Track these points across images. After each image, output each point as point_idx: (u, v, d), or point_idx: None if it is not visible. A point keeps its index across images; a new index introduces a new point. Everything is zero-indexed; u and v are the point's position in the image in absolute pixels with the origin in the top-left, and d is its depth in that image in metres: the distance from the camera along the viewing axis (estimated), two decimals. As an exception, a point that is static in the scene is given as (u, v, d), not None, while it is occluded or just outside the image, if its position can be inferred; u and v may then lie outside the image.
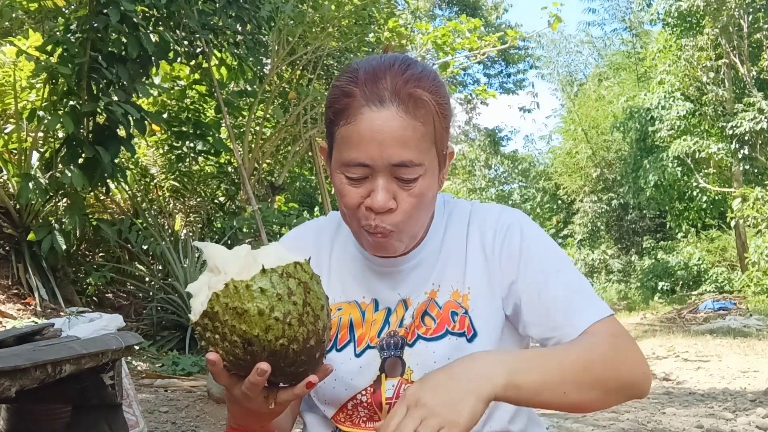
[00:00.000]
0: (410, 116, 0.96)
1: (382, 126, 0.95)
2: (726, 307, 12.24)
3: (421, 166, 0.98)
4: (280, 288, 0.78)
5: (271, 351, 0.78)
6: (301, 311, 0.79)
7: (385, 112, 0.95)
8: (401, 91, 0.96)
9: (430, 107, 0.98)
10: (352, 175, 0.98)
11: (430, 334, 1.05)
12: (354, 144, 0.96)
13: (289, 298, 0.78)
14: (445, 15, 22.92)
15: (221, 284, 0.78)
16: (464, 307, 1.06)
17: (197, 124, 7.53)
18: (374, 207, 0.97)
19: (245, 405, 0.87)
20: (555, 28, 8.62)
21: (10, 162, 6.13)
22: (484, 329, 1.05)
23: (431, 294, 1.08)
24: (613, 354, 0.96)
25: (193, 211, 8.41)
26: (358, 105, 0.96)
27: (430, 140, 0.99)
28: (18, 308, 5.22)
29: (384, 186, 0.97)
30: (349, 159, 0.97)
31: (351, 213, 1.01)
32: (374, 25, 8.38)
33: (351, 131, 0.96)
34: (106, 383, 2.05)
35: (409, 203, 0.99)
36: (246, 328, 0.77)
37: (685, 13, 14.68)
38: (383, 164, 0.96)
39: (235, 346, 0.78)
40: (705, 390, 5.14)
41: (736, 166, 14.76)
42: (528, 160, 27.66)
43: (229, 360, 0.80)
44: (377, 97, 0.96)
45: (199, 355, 5.65)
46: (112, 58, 5.49)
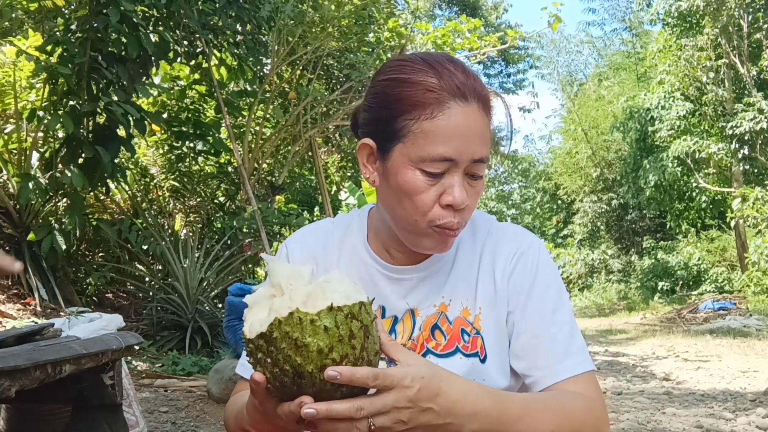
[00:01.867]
0: (485, 114, 0.99)
1: (469, 122, 0.96)
2: (726, 307, 12.25)
3: (487, 164, 1.01)
4: (342, 329, 0.77)
5: (320, 389, 0.77)
6: (357, 356, 0.78)
7: (469, 109, 0.97)
8: (479, 90, 0.99)
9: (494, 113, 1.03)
10: (434, 170, 0.96)
11: (441, 350, 1.05)
12: (440, 138, 0.95)
13: (349, 341, 0.78)
14: (445, 15, 22.95)
15: (285, 311, 0.77)
16: (476, 327, 1.06)
17: (197, 124, 7.53)
18: (456, 204, 0.97)
19: (272, 420, 0.86)
20: (555, 28, 8.62)
21: (10, 162, 6.13)
22: (494, 352, 1.06)
23: (441, 307, 1.07)
24: (585, 417, 0.97)
25: (193, 211, 8.41)
26: (443, 99, 0.96)
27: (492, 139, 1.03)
28: (18, 308, 5.22)
29: (462, 183, 0.98)
30: (435, 153, 0.95)
31: (423, 213, 0.98)
32: (374, 25, 8.37)
33: (437, 125, 0.95)
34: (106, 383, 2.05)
35: (474, 200, 1.01)
36: (301, 361, 0.76)
37: (685, 13, 14.69)
38: (466, 159, 0.97)
39: (285, 374, 0.77)
40: (705, 390, 5.14)
41: (736, 166, 14.76)
42: (528, 160, 27.69)
43: (274, 385, 0.79)
44: (461, 93, 0.96)
45: (198, 355, 5.65)
46: (112, 58, 5.49)
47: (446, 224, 0.98)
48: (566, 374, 1.01)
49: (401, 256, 1.10)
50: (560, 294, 1.08)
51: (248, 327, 0.80)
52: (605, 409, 1.02)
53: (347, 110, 8.36)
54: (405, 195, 0.98)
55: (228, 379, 4.12)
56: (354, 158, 11.03)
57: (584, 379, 1.01)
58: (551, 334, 1.03)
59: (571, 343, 1.04)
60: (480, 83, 0.99)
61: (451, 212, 0.98)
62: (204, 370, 5.02)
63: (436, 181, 0.97)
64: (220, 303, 6.72)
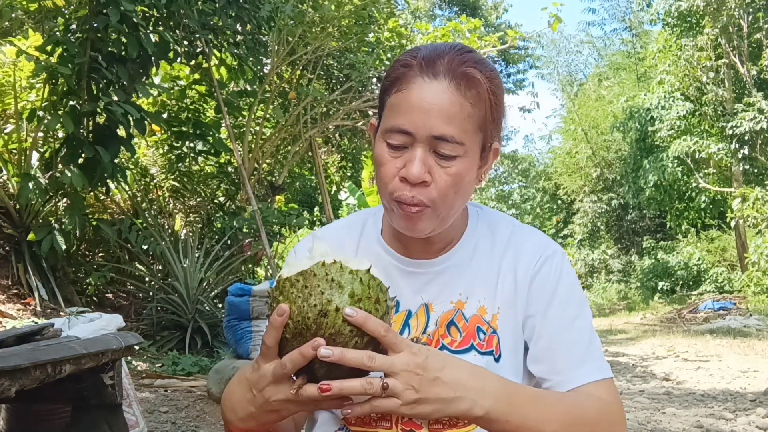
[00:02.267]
0: (460, 94, 0.97)
1: (431, 97, 0.96)
2: (726, 307, 12.24)
3: (461, 145, 0.98)
4: (373, 291, 0.83)
5: (336, 332, 0.80)
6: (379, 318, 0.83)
7: (436, 84, 0.97)
8: (456, 69, 0.98)
9: (482, 91, 0.99)
10: (393, 141, 0.99)
11: (456, 346, 1.05)
12: (401, 111, 0.98)
13: (374, 304, 0.83)
14: (445, 15, 22.94)
15: (330, 258, 0.83)
16: (493, 326, 1.06)
17: (197, 124, 7.53)
18: (409, 177, 0.97)
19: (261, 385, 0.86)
20: (555, 29, 8.61)
21: (10, 162, 6.13)
22: (509, 351, 1.06)
23: (458, 304, 1.07)
24: (599, 418, 0.97)
25: (193, 211, 8.41)
26: (412, 75, 0.99)
27: (476, 123, 0.99)
28: (18, 308, 5.22)
29: (421, 157, 0.97)
30: (393, 125, 0.98)
31: (385, 183, 1.01)
32: (374, 25, 8.37)
33: (401, 98, 0.99)
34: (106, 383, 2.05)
35: (444, 181, 0.98)
36: (331, 299, 0.80)
37: (685, 13, 14.69)
38: (424, 134, 0.97)
39: (311, 309, 0.80)
40: (705, 390, 5.14)
41: (736, 166, 14.76)
42: (528, 160, 27.69)
43: (295, 321, 0.81)
44: (432, 71, 0.98)
45: (198, 355, 5.65)
46: (112, 58, 5.49)
47: (400, 197, 0.98)
48: (584, 379, 1.01)
49: (416, 250, 1.09)
50: (582, 302, 1.08)
51: (287, 270, 0.84)
52: (623, 414, 1.02)
53: (347, 110, 8.36)
54: (376, 167, 1.02)
55: (228, 379, 4.11)
56: (354, 158, 11.03)
57: (602, 385, 1.01)
58: (571, 339, 1.03)
59: (590, 350, 1.04)
60: (465, 66, 0.98)
61: (406, 186, 0.98)
62: (204, 370, 5.02)
63: (400, 154, 0.98)
64: (220, 303, 6.72)
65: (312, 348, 0.79)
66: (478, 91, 0.99)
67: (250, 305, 5.03)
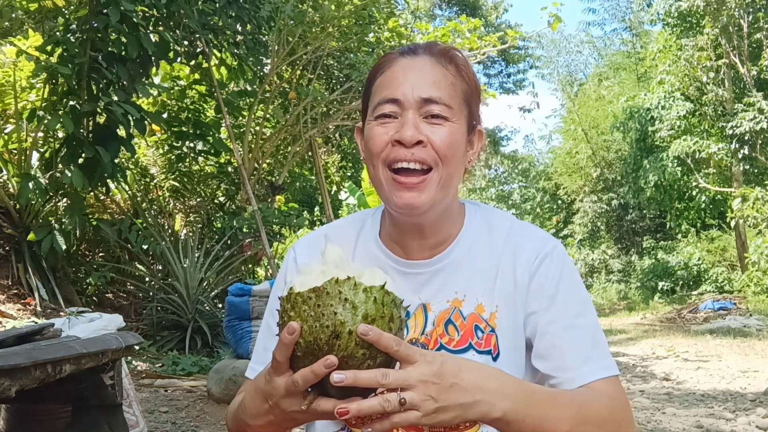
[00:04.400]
0: (441, 65, 1.02)
1: (415, 68, 1.01)
2: (726, 307, 12.24)
3: (450, 108, 1.00)
4: (387, 309, 0.81)
5: (349, 354, 0.78)
6: None
7: (417, 59, 1.03)
8: (434, 49, 1.04)
9: (462, 67, 1.04)
10: (382, 111, 1.00)
11: (454, 345, 1.05)
12: (386, 85, 1.01)
13: (388, 323, 0.81)
14: (445, 15, 22.93)
15: (344, 275, 0.81)
16: (491, 325, 1.05)
17: (197, 124, 7.53)
18: (403, 138, 0.98)
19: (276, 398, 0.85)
20: (555, 28, 8.61)
21: (10, 162, 6.13)
22: (508, 350, 1.05)
23: (455, 302, 1.06)
24: (608, 417, 0.97)
25: (193, 211, 8.41)
26: (393, 58, 1.05)
27: (460, 94, 1.03)
28: (18, 308, 5.22)
29: (413, 120, 0.99)
30: (380, 98, 1.01)
31: (377, 154, 1.00)
32: (374, 25, 8.37)
33: (384, 77, 1.03)
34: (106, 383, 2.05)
35: (440, 141, 0.99)
36: (344, 320, 0.78)
37: (685, 13, 14.69)
38: (413, 98, 0.99)
39: (323, 330, 0.78)
40: (705, 390, 5.14)
41: (736, 166, 14.76)
42: (528, 160, 27.67)
43: (307, 340, 0.79)
44: (410, 50, 1.04)
45: (198, 355, 5.65)
46: (112, 58, 5.49)
47: (399, 157, 0.98)
48: (591, 377, 1.00)
49: (413, 250, 1.09)
50: (585, 299, 1.07)
51: (299, 282, 0.82)
52: (631, 412, 1.02)
53: (347, 110, 8.36)
54: (368, 147, 1.02)
55: (228, 379, 4.11)
56: (354, 158, 11.03)
57: (609, 383, 1.01)
58: (575, 337, 1.03)
59: (595, 347, 1.03)
60: (446, 47, 1.04)
61: (401, 148, 0.98)
62: (204, 370, 5.02)
63: (389, 123, 1.00)
64: (220, 303, 6.72)
65: (324, 366, 0.78)
66: (458, 64, 1.04)
67: (250, 305, 5.03)
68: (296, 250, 1.18)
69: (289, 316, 0.81)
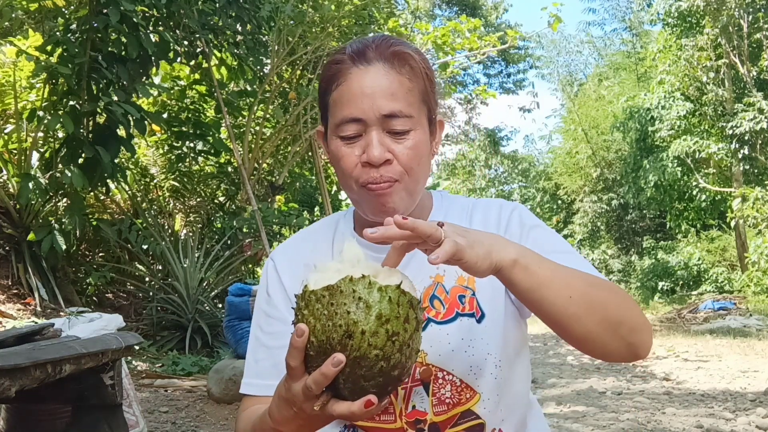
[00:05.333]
0: (396, 72, 1.02)
1: (371, 81, 1.01)
2: (726, 307, 12.23)
3: (411, 118, 1.02)
4: (402, 309, 0.79)
5: (362, 355, 0.77)
6: (406, 340, 0.80)
7: (371, 69, 1.02)
8: (385, 52, 1.03)
9: (415, 66, 1.04)
10: (346, 133, 1.01)
11: (441, 317, 1.06)
12: (345, 102, 1.01)
13: (403, 324, 0.79)
14: (445, 15, 22.92)
15: (359, 273, 0.80)
16: (471, 288, 1.07)
17: (197, 124, 7.53)
18: (371, 159, 1.00)
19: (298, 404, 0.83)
20: (555, 29, 8.61)
21: (10, 162, 6.13)
22: (490, 310, 1.07)
23: (437, 278, 1.08)
24: (620, 294, 0.97)
25: (193, 211, 8.41)
26: (347, 68, 1.03)
27: (418, 96, 1.04)
28: (18, 308, 5.22)
29: (378, 139, 1.00)
30: (342, 117, 1.01)
31: (349, 175, 1.03)
32: (374, 25, 8.36)
33: (342, 92, 1.02)
34: (106, 383, 2.05)
35: (405, 155, 1.01)
36: (357, 320, 0.77)
37: (685, 13, 14.68)
38: (374, 116, 1.00)
39: (335, 330, 0.77)
40: (705, 390, 5.14)
41: (736, 166, 14.76)
42: (528, 160, 27.66)
43: (319, 339, 0.78)
44: (364, 59, 1.02)
45: (198, 355, 5.65)
46: (112, 58, 5.49)
47: (369, 180, 1.01)
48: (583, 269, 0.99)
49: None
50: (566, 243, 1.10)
51: (314, 280, 0.81)
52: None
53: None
54: (336, 164, 1.05)
55: (228, 379, 4.11)
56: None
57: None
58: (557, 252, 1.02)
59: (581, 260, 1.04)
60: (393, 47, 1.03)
61: (370, 169, 1.00)
62: (204, 370, 5.02)
63: (355, 143, 1.02)
64: (220, 303, 6.72)
65: (332, 366, 0.76)
66: (411, 65, 1.04)
67: (250, 305, 5.03)
68: (275, 260, 1.18)
69: (302, 315, 0.80)
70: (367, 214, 1.06)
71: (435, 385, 1.04)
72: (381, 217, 1.02)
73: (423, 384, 1.04)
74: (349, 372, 0.78)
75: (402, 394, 1.04)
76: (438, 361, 1.04)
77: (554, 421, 4.12)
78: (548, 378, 5.97)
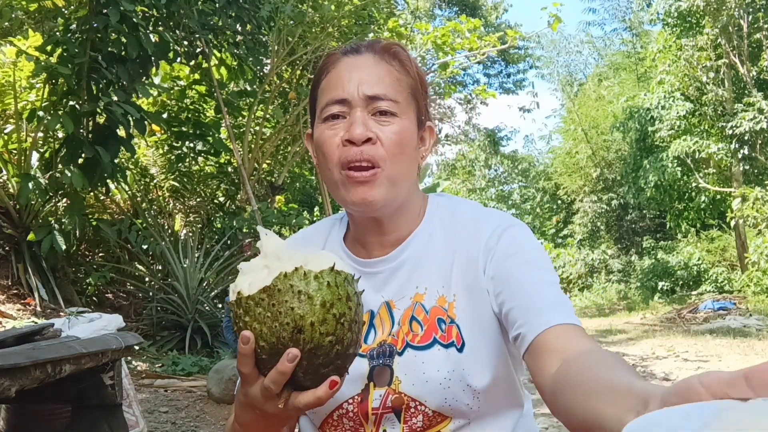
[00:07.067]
0: (385, 62, 1.03)
1: (359, 66, 1.02)
2: (726, 307, 12.23)
3: (396, 103, 1.01)
4: (342, 290, 0.79)
5: (316, 345, 0.77)
6: (353, 318, 0.79)
7: (360, 57, 1.04)
8: (377, 46, 1.05)
9: (406, 62, 1.05)
10: (330, 112, 1.01)
11: (418, 341, 1.02)
12: (332, 87, 1.02)
13: (346, 302, 0.79)
14: (444, 15, 22.91)
15: (291, 267, 0.78)
16: (451, 316, 1.02)
17: (197, 124, 7.53)
18: (353, 137, 0.98)
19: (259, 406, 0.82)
20: (555, 29, 8.61)
21: (10, 162, 6.13)
22: (472, 339, 1.01)
23: (416, 297, 1.04)
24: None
25: (193, 211, 8.41)
26: (337, 58, 1.05)
27: (406, 89, 1.03)
28: (18, 308, 5.22)
29: (361, 118, 0.99)
30: (327, 99, 1.02)
31: (332, 153, 1.00)
32: (374, 25, 8.37)
33: (330, 78, 1.04)
34: (106, 383, 2.05)
35: (388, 138, 0.99)
36: (303, 314, 0.76)
37: (685, 13, 14.68)
38: (359, 97, 1.00)
39: (284, 328, 0.76)
40: (705, 390, 5.13)
41: (735, 166, 14.76)
42: (528, 160, 27.68)
43: (269, 342, 0.77)
44: (353, 49, 1.05)
45: (198, 355, 5.65)
46: (112, 58, 5.49)
47: (350, 158, 0.98)
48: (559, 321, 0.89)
49: (374, 248, 1.08)
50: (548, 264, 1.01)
51: (247, 285, 0.80)
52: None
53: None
54: (320, 151, 1.03)
55: (228, 379, 4.12)
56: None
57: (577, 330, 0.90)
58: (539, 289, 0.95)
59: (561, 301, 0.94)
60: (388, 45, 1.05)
61: (351, 147, 0.99)
62: (204, 370, 5.02)
63: (337, 124, 1.01)
64: (220, 303, 6.72)
65: (288, 361, 0.75)
66: (402, 61, 1.04)
67: (250, 305, 5.02)
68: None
69: (244, 322, 0.79)
70: (347, 205, 1.03)
71: (407, 413, 1.01)
72: (362, 209, 1.01)
73: (394, 411, 1.01)
74: (306, 364, 0.77)
75: (372, 419, 1.01)
76: (411, 391, 1.00)
77: (554, 421, 4.12)
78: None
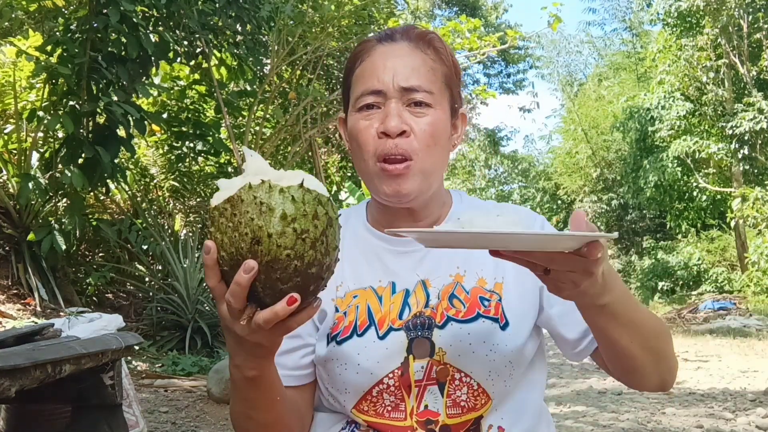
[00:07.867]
0: (420, 50, 1.03)
1: (394, 56, 1.02)
2: (726, 307, 12.24)
3: (431, 94, 1.01)
4: (309, 207, 0.77)
5: (273, 258, 0.74)
6: (317, 236, 0.77)
7: (396, 45, 1.04)
8: (411, 33, 1.05)
9: (440, 49, 1.05)
10: (365, 102, 1.01)
11: (462, 316, 1.03)
12: (367, 76, 1.03)
13: (312, 220, 0.76)
14: (444, 15, 22.92)
15: (258, 180, 0.77)
16: (498, 293, 1.05)
17: (197, 124, 7.52)
18: (388, 129, 0.99)
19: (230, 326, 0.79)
20: (555, 29, 8.61)
21: (10, 162, 6.13)
22: (515, 319, 1.04)
23: (457, 277, 1.06)
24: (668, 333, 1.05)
25: (193, 211, 8.41)
26: (371, 45, 1.05)
27: (441, 78, 1.04)
28: (18, 308, 5.22)
29: (396, 109, 1.00)
30: (363, 89, 1.02)
31: (365, 148, 1.01)
32: (374, 25, 8.37)
33: (364, 67, 1.04)
34: (106, 383, 2.05)
35: (422, 131, 1.00)
36: (262, 224, 0.75)
37: (685, 13, 14.69)
38: (394, 88, 1.00)
39: (243, 239, 0.75)
40: (705, 390, 5.14)
41: (735, 166, 14.77)
42: (528, 160, 27.70)
43: (229, 252, 0.76)
44: (388, 37, 1.05)
45: (198, 355, 5.65)
46: (112, 58, 5.49)
47: (384, 151, 0.99)
48: None
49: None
50: None
51: (216, 197, 0.78)
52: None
53: (347, 110, 8.36)
54: (355, 141, 1.04)
55: (228, 379, 4.11)
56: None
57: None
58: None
59: None
60: (423, 32, 1.05)
61: (387, 139, 1.00)
62: (204, 370, 5.02)
63: (372, 114, 1.01)
64: (220, 303, 6.71)
65: (244, 272, 0.72)
66: (436, 48, 1.05)
67: (250, 305, 5.02)
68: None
69: (210, 233, 0.78)
70: (380, 196, 1.04)
71: (451, 386, 1.01)
72: (395, 200, 1.03)
73: (438, 384, 1.01)
74: (264, 279, 0.75)
75: (415, 392, 1.01)
76: (457, 361, 1.01)
77: (554, 421, 4.12)
78: (548, 378, 5.96)
